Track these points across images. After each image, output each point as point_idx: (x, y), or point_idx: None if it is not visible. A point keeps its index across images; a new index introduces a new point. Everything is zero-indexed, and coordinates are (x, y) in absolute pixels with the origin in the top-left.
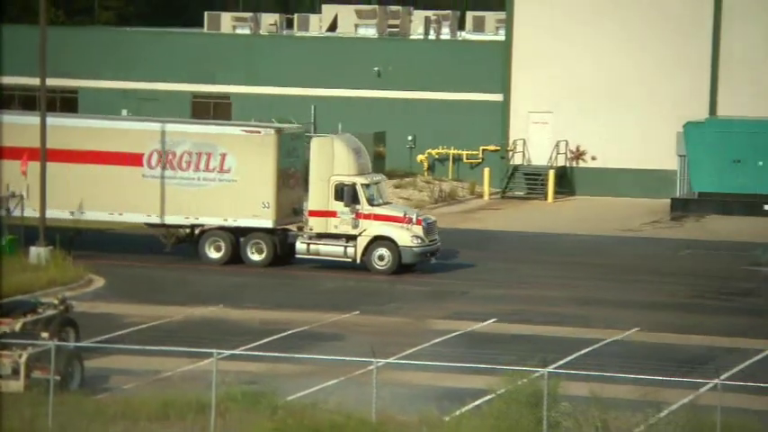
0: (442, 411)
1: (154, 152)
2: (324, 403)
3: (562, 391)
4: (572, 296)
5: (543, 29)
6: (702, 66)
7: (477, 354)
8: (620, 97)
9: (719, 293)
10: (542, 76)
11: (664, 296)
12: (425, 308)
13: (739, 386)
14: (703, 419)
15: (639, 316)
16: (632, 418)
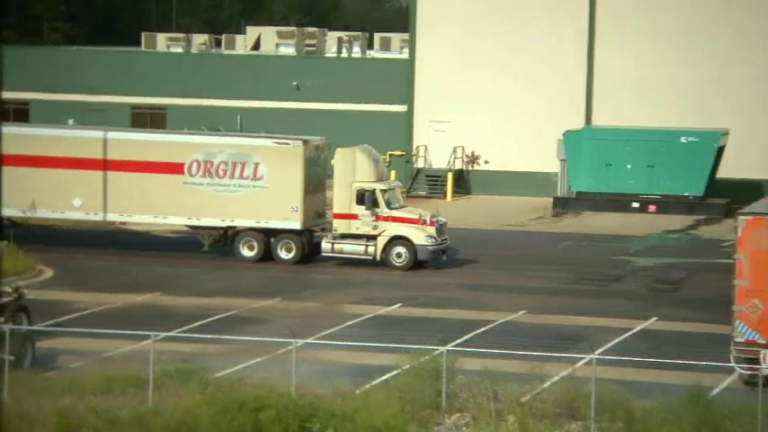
0: (354, 385)
1: (194, 162)
2: (249, 379)
3: (459, 367)
4: (467, 283)
5: (442, 47)
6: (579, 80)
7: (385, 334)
8: (510, 107)
9: (594, 280)
10: (441, 88)
11: (547, 282)
12: (339, 294)
13: (611, 360)
14: (580, 389)
15: (526, 300)
16: (520, 389)
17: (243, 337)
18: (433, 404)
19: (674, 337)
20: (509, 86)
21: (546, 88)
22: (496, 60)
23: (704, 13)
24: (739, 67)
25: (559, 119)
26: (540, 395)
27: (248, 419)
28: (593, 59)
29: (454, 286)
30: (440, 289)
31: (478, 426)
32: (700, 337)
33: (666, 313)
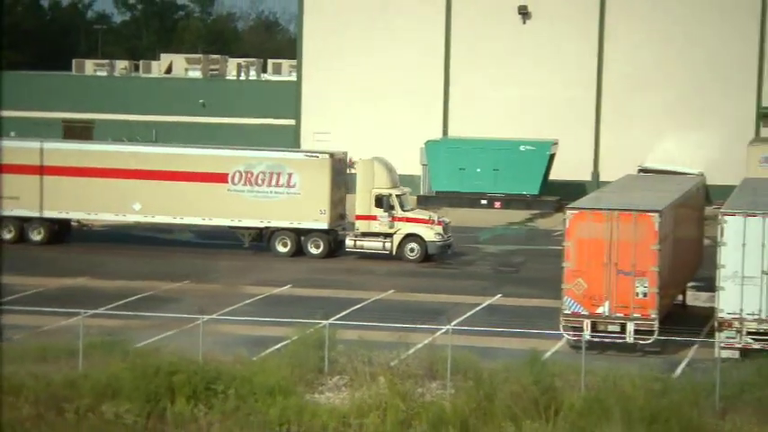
0: (252, 353)
1: (237, 172)
2: (164, 348)
3: (338, 337)
4: (345, 267)
5: (324, 70)
6: (438, 96)
7: (278, 310)
8: (381, 119)
9: (451, 264)
10: (323, 104)
11: (411, 266)
12: (239, 277)
13: (464, 330)
14: (438, 354)
15: (394, 281)
16: (389, 355)
17: (158, 313)
18: (317, 368)
19: (515, 311)
20: (380, 102)
21: (410, 103)
22: (369, 79)
23: (531, 42)
24: (562, 89)
25: (421, 129)
26: (406, 360)
27: (163, 382)
28: (449, 78)
29: (334, 271)
30: (323, 273)
31: (355, 386)
32: (536, 310)
33: (509, 291)
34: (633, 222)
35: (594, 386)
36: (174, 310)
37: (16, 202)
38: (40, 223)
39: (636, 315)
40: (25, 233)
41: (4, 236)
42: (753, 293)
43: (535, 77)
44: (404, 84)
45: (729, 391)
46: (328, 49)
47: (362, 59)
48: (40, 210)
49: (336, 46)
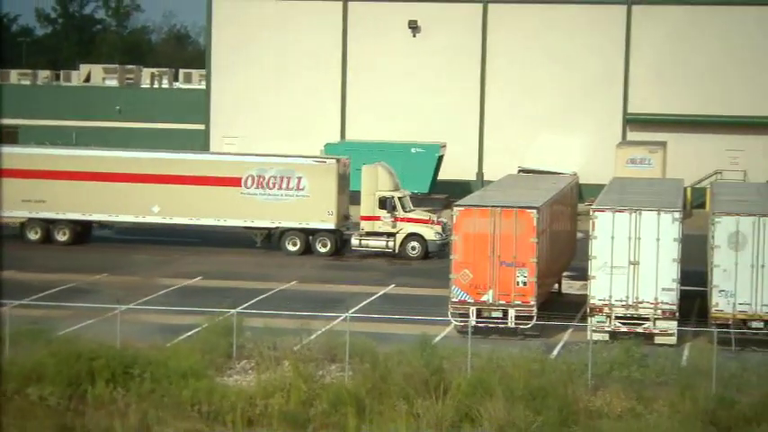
0: (166, 340)
1: (249, 176)
2: (84, 336)
3: (246, 324)
4: (252, 261)
5: (231, 78)
6: (335, 103)
7: (190, 300)
8: (284, 124)
9: (349, 257)
10: (231, 110)
11: (313, 259)
12: (155, 270)
13: (361, 317)
14: (338, 339)
15: (297, 273)
16: (292, 340)
17: (81, 303)
18: (226, 353)
19: (408, 299)
20: (283, 108)
21: (310, 109)
22: (273, 87)
23: (421, 53)
24: (449, 96)
25: (321, 133)
26: (308, 345)
27: (84, 367)
28: (346, 86)
29: (243, 263)
30: (231, 265)
31: (261, 369)
32: (426, 298)
33: (402, 281)
34: (514, 218)
35: (479, 367)
36: (95, 301)
37: (42, 205)
38: (65, 225)
39: (517, 302)
40: (51, 234)
41: (30, 237)
42: (621, 282)
43: (425, 85)
44: (304, 91)
45: (600, 370)
46: (235, 60)
47: (266, 69)
48: (65, 212)
49: (242, 56)
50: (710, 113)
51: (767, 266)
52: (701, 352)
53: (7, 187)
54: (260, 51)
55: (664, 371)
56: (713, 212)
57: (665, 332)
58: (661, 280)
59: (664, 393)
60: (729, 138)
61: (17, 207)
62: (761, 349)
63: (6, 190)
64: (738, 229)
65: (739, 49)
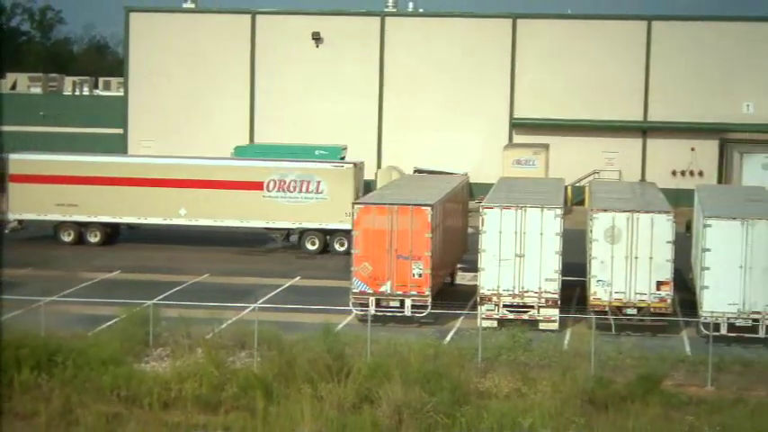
0: (87, 329)
1: (271, 181)
2: (11, 326)
3: (162, 314)
4: (166, 257)
5: (150, 87)
6: (244, 108)
7: (110, 292)
8: (198, 128)
9: (258, 252)
10: (148, 115)
11: (224, 253)
12: (76, 265)
13: (269, 307)
14: (247, 328)
15: (209, 266)
16: (205, 329)
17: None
18: (143, 342)
19: (312, 290)
20: (196, 112)
21: (221, 113)
22: (186, 93)
23: (324, 61)
24: (350, 101)
25: (231, 136)
26: (219, 333)
27: (11, 355)
28: (255, 91)
29: (158, 258)
30: (146, 260)
31: (176, 356)
32: (330, 290)
33: (307, 274)
34: (410, 215)
35: (378, 353)
36: (22, 294)
37: (75, 209)
38: (96, 227)
39: (413, 292)
40: (83, 236)
41: (64, 238)
42: (508, 273)
43: (328, 92)
44: (216, 96)
45: (489, 354)
46: (151, 68)
47: (180, 76)
48: (97, 215)
49: (158, 65)
50: (589, 118)
51: (640, 258)
52: (580, 337)
53: (42, 192)
54: (174, 60)
55: (547, 354)
56: (591, 209)
57: (548, 319)
58: (544, 271)
59: (547, 375)
60: (606, 140)
61: (51, 211)
62: (635, 334)
63: (41, 195)
64: (614, 224)
65: (614, 59)
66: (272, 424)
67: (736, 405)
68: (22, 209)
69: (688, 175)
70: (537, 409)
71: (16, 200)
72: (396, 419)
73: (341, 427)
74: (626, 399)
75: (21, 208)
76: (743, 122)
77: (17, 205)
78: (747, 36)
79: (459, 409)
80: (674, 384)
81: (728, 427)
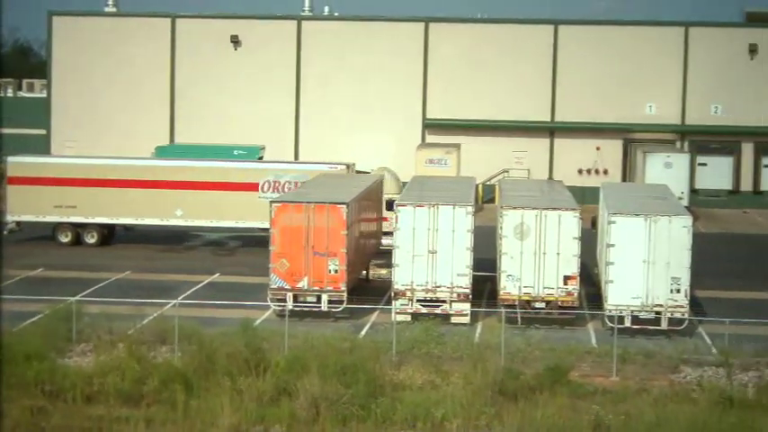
0: (12, 326)
1: (266, 182)
2: None
3: (85, 311)
4: (89, 254)
5: (73, 89)
6: (166, 108)
7: (34, 289)
8: (120, 128)
9: (179, 249)
10: (71, 116)
11: (144, 251)
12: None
13: (189, 303)
14: (168, 323)
15: (130, 263)
16: (127, 325)
17: None
18: (66, 337)
19: (231, 287)
20: (117, 113)
21: (142, 113)
22: (108, 94)
23: (242, 64)
24: (268, 102)
25: (153, 137)
26: (141, 329)
27: None
28: (175, 93)
29: (92, 255)
30: (70, 258)
31: (98, 351)
32: (248, 286)
33: (226, 270)
34: (326, 213)
35: (296, 347)
36: None
37: (73, 210)
38: (94, 228)
39: (329, 288)
40: (81, 237)
41: (61, 239)
42: (421, 268)
43: (246, 93)
44: (137, 97)
45: (403, 347)
46: (73, 70)
47: (102, 78)
48: (94, 216)
49: (80, 67)
50: (498, 119)
51: (548, 254)
52: (491, 330)
53: (40, 194)
54: (96, 62)
55: (459, 347)
56: (501, 206)
57: (460, 313)
58: (456, 266)
59: (459, 367)
60: (515, 140)
61: (49, 212)
62: (543, 327)
63: (39, 197)
64: (523, 221)
65: (523, 61)
66: (192, 417)
67: (639, 394)
68: (20, 210)
69: (593, 173)
70: (449, 400)
71: (14, 202)
72: (313, 412)
73: (259, 420)
74: (534, 389)
75: (19, 210)
76: (646, 123)
77: (15, 207)
78: (651, 40)
79: (374, 401)
80: (580, 375)
81: (632, 415)
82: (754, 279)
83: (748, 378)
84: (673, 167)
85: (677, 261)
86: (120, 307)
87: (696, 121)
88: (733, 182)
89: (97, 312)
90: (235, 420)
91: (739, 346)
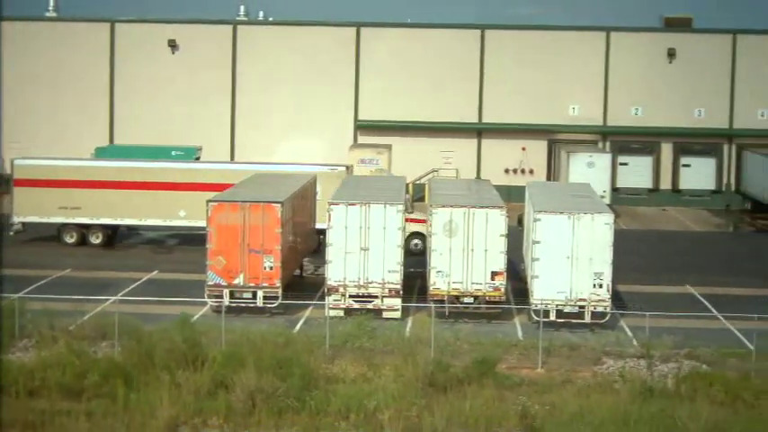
0: None
1: None
2: None
3: (27, 308)
4: (33, 251)
5: (17, 92)
6: (105, 110)
7: None
8: (59, 130)
9: (121, 248)
10: (15, 118)
11: (86, 250)
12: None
13: (128, 299)
14: (109, 319)
15: (72, 260)
16: (68, 321)
17: None
18: (9, 333)
19: (170, 283)
20: (59, 116)
21: (82, 115)
22: (48, 95)
23: (180, 67)
24: (205, 103)
25: (93, 138)
26: (82, 324)
27: None
28: (114, 96)
29: (25, 253)
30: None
31: (40, 347)
32: (186, 283)
33: (165, 268)
34: (261, 211)
35: (233, 341)
36: None
37: (78, 212)
38: (98, 229)
39: (264, 284)
40: (86, 237)
41: (66, 240)
42: (353, 265)
43: (184, 95)
44: (78, 100)
45: (336, 342)
46: (17, 73)
47: (44, 81)
48: (99, 217)
49: (23, 71)
50: (428, 120)
51: (476, 250)
52: (421, 324)
53: (45, 196)
54: (39, 66)
55: (390, 341)
56: (431, 205)
57: (391, 308)
58: (387, 263)
59: (390, 360)
60: (443, 141)
61: (54, 214)
62: (471, 321)
63: (44, 198)
64: (452, 219)
65: (451, 65)
66: (132, 410)
67: (564, 385)
68: (26, 212)
69: (519, 173)
70: (381, 392)
71: (20, 203)
72: (249, 404)
73: (197, 412)
74: (463, 381)
75: (25, 211)
76: (569, 124)
77: (21, 208)
78: (573, 44)
79: (308, 394)
80: (507, 367)
81: (557, 405)
82: (673, 274)
83: (668, 369)
84: (595, 167)
85: (599, 257)
86: (62, 303)
87: (617, 123)
88: (653, 180)
89: (39, 309)
90: (173, 413)
91: (659, 338)
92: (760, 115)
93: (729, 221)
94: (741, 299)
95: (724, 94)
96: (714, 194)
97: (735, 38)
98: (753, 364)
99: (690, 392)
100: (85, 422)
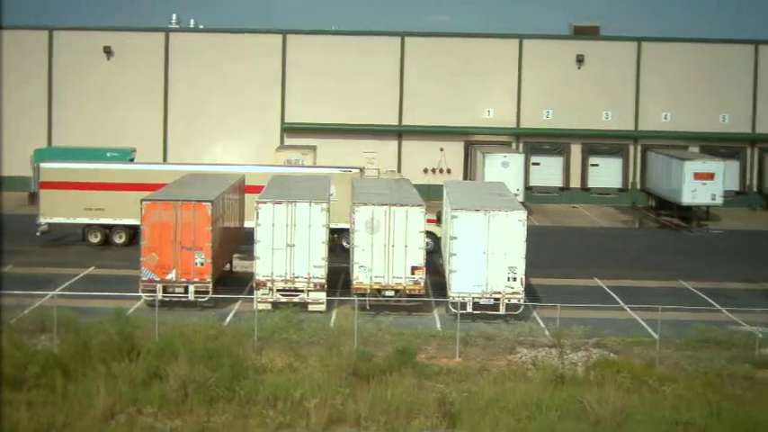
0: None
1: None
2: None
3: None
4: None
5: None
6: (44, 113)
7: None
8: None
9: (60, 244)
10: None
11: (31, 246)
12: None
13: (66, 294)
14: (48, 313)
15: (13, 257)
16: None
17: None
18: None
19: (106, 279)
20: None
21: (24, 119)
22: (32, 100)
23: (115, 73)
24: (140, 108)
25: (32, 140)
26: (22, 318)
27: None
28: (52, 101)
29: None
30: None
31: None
32: (121, 278)
33: (101, 264)
34: (192, 210)
35: (166, 334)
36: None
37: (102, 213)
38: (121, 229)
39: (196, 279)
40: (110, 237)
41: (91, 240)
42: (280, 260)
43: (119, 100)
44: (17, 103)
45: (265, 334)
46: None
47: (12, 85)
48: (122, 218)
49: None
50: (351, 122)
51: (396, 246)
52: (345, 316)
53: (70, 197)
54: (8, 71)
55: (315, 332)
56: (354, 203)
57: (316, 301)
58: (312, 258)
59: (315, 351)
60: (365, 142)
61: (79, 214)
62: (392, 313)
63: (69, 200)
64: (373, 216)
65: (373, 69)
66: (71, 400)
67: (480, 374)
68: (52, 213)
69: (438, 172)
70: (307, 381)
71: (47, 204)
72: (182, 393)
73: (132, 401)
74: (385, 371)
75: (51, 212)
76: (485, 126)
77: (47, 210)
78: (488, 50)
79: (238, 383)
80: (426, 357)
81: (474, 392)
82: (583, 267)
83: (578, 357)
84: (509, 167)
85: (514, 252)
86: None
87: (530, 125)
88: (563, 179)
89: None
90: (110, 402)
91: (570, 328)
92: (663, 118)
93: (635, 218)
94: (646, 290)
95: (630, 98)
96: (621, 192)
97: (640, 45)
98: (657, 353)
99: (598, 379)
100: (26, 411)
